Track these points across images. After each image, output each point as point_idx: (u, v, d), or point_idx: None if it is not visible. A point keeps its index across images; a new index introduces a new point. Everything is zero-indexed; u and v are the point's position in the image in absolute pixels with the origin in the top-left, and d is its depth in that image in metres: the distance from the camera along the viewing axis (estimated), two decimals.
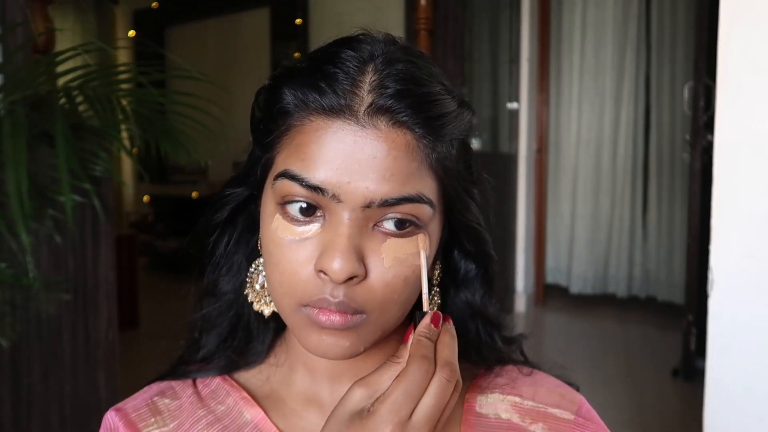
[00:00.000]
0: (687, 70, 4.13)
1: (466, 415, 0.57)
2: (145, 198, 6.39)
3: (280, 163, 0.48)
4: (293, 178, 0.46)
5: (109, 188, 1.79)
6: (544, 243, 4.76)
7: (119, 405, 0.58)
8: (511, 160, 4.41)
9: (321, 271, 0.46)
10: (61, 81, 1.48)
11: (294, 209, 0.47)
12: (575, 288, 4.79)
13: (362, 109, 0.46)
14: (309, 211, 0.47)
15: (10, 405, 1.66)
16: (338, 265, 0.44)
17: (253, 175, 0.53)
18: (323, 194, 0.45)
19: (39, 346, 1.70)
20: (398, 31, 0.59)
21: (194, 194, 5.91)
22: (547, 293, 4.79)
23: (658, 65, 4.45)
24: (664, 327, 4.00)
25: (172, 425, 0.56)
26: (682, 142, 4.00)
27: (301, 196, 0.46)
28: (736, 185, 1.29)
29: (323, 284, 0.46)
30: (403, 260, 0.47)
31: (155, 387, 0.60)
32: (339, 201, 0.45)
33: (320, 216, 0.47)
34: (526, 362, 0.63)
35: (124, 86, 1.56)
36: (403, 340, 0.47)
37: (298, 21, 4.92)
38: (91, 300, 1.79)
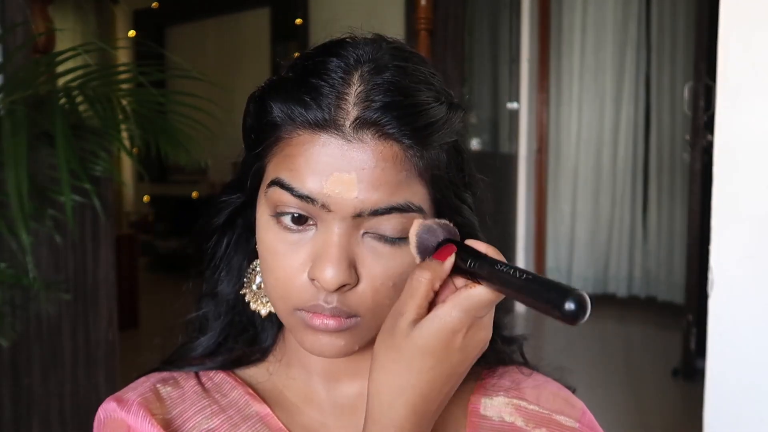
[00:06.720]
0: (687, 70, 4.13)
1: (471, 418, 0.57)
2: (145, 198, 6.39)
3: (272, 172, 0.49)
4: (284, 186, 0.47)
5: (109, 188, 1.79)
6: (544, 243, 4.76)
7: (118, 394, 0.56)
8: (511, 160, 4.41)
9: (313, 279, 0.47)
10: (61, 81, 1.48)
11: (287, 218, 0.49)
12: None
13: (347, 123, 0.46)
14: (301, 220, 0.48)
15: (10, 405, 1.66)
16: (329, 274, 0.46)
17: (246, 181, 0.54)
18: (313, 203, 0.47)
19: (39, 346, 1.70)
20: (398, 31, 0.59)
21: (194, 194, 5.91)
22: None
23: (658, 65, 4.45)
24: (664, 327, 4.00)
25: (174, 413, 0.55)
26: (682, 142, 4.00)
27: (292, 206, 0.48)
28: (736, 185, 1.29)
29: (317, 291, 0.48)
30: (391, 266, 0.48)
31: (157, 375, 0.59)
32: (329, 210, 0.47)
33: (312, 224, 0.48)
34: (525, 363, 0.63)
35: (124, 86, 1.56)
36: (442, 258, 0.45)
37: (298, 21, 4.92)
38: (91, 300, 1.79)
